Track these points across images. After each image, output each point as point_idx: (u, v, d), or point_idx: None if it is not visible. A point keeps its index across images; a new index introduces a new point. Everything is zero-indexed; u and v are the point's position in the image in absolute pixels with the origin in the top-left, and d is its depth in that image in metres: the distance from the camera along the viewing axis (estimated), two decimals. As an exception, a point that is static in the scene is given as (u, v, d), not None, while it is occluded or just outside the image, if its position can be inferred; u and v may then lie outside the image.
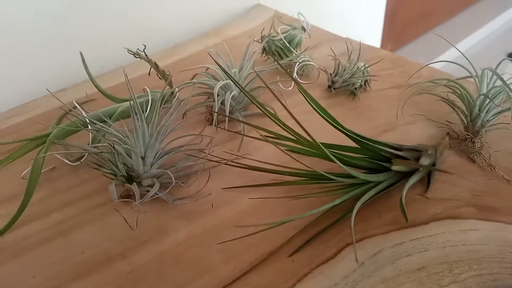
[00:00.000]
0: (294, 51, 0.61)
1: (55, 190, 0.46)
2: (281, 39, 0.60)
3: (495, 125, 0.46)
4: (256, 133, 0.42)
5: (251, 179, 0.45)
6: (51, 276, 0.38)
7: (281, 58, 0.62)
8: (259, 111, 0.54)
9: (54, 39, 0.65)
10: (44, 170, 0.47)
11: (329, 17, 1.10)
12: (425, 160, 0.42)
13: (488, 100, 0.44)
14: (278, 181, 0.43)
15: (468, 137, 0.45)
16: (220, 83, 0.49)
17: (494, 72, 0.43)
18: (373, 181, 0.40)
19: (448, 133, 0.47)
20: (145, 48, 0.49)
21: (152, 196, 0.40)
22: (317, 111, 0.42)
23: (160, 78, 0.53)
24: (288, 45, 0.60)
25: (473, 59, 0.50)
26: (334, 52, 0.59)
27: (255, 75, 0.55)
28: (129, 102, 0.41)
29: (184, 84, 0.52)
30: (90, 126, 0.45)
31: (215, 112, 0.46)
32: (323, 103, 0.42)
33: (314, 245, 0.38)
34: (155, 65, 0.50)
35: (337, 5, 1.11)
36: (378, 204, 0.42)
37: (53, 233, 0.42)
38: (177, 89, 0.53)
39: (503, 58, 0.44)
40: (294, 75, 0.57)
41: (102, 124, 0.43)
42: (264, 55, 0.63)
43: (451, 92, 0.49)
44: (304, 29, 0.63)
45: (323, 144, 0.39)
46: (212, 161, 0.46)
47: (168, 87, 0.53)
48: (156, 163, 0.44)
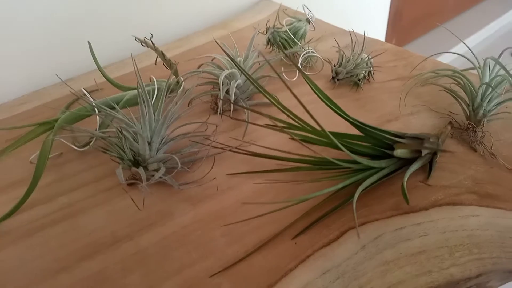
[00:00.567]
0: (299, 43, 0.62)
1: (62, 175, 0.47)
2: (285, 31, 0.61)
3: (497, 114, 0.47)
4: (261, 122, 0.43)
5: (255, 165, 0.46)
6: (59, 257, 0.38)
7: (286, 49, 0.63)
8: (263, 100, 0.55)
9: (63, 30, 0.66)
10: (51, 156, 0.48)
11: (333, 14, 1.10)
12: (426, 149, 0.42)
13: (490, 89, 0.45)
14: (283, 168, 0.44)
15: (470, 126, 0.46)
16: (226, 72, 0.49)
17: (497, 61, 0.44)
18: (375, 167, 0.41)
19: (450, 122, 0.47)
20: (152, 37, 0.50)
21: (159, 178, 0.41)
22: (322, 100, 0.42)
23: (166, 67, 0.54)
24: (293, 37, 0.61)
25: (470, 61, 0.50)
26: (338, 44, 0.60)
27: (259, 65, 0.55)
28: (135, 90, 0.42)
29: (189, 72, 0.52)
30: (99, 111, 0.46)
31: (220, 99, 0.46)
32: (327, 93, 0.43)
33: (317, 228, 0.39)
34: (161, 54, 0.51)
35: (341, 2, 1.12)
36: (380, 190, 0.42)
37: (60, 216, 0.42)
38: (182, 78, 0.54)
39: (505, 48, 0.44)
40: (299, 66, 0.57)
41: (110, 110, 0.43)
42: (268, 46, 0.63)
43: (454, 83, 0.50)
44: (308, 21, 0.63)
45: (329, 132, 0.39)
46: (217, 147, 0.47)
47: (174, 76, 0.54)
48: (162, 148, 0.45)
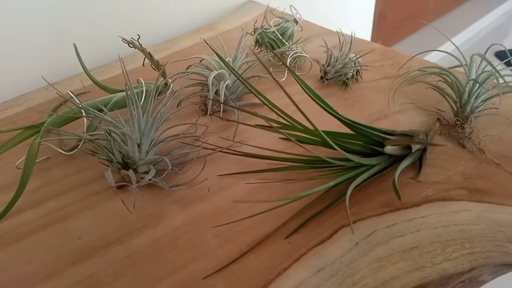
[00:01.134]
0: (287, 43, 0.62)
1: (49, 179, 0.46)
2: (273, 31, 0.61)
3: (484, 110, 0.47)
4: (251, 122, 0.43)
5: (246, 166, 0.46)
6: (48, 262, 0.38)
7: (274, 50, 0.63)
8: (253, 101, 0.55)
9: (47, 33, 0.65)
10: (38, 160, 0.47)
11: (318, 17, 1.11)
12: (416, 145, 0.43)
13: (477, 86, 0.45)
14: (274, 167, 0.44)
15: (458, 122, 0.46)
16: (215, 72, 0.49)
17: (483, 57, 0.44)
18: (366, 165, 0.41)
19: (438, 119, 0.48)
20: (139, 38, 0.50)
21: (149, 180, 0.40)
22: (313, 98, 0.42)
23: (154, 69, 0.54)
24: (281, 37, 0.61)
25: (455, 61, 0.51)
26: (327, 44, 0.60)
27: (247, 66, 0.55)
28: (123, 92, 0.42)
29: (178, 74, 0.52)
30: (86, 114, 0.45)
31: (210, 99, 0.46)
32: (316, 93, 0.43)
33: (310, 227, 0.39)
34: (149, 55, 0.51)
35: (326, 5, 1.13)
36: (371, 188, 0.42)
37: (48, 220, 0.42)
38: (170, 80, 0.54)
39: (491, 44, 0.45)
40: (288, 65, 0.57)
41: (98, 112, 0.43)
42: (257, 47, 0.63)
43: (442, 81, 0.50)
44: (296, 21, 0.63)
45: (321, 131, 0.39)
46: (207, 148, 0.46)
47: (162, 78, 0.54)
48: (151, 150, 0.44)
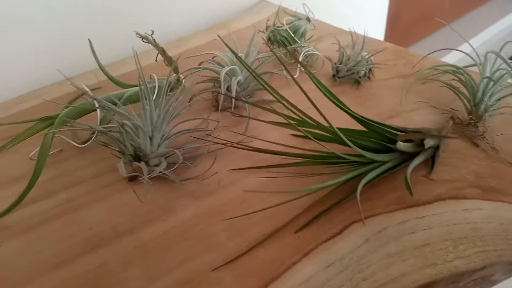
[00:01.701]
0: (298, 41, 0.62)
1: (62, 171, 0.47)
2: (286, 29, 0.61)
3: (498, 109, 0.47)
4: (262, 118, 0.43)
5: (257, 161, 0.46)
6: (59, 252, 0.38)
7: (286, 47, 0.63)
8: (265, 98, 0.55)
9: (62, 30, 0.66)
10: (51, 153, 0.48)
11: (331, 17, 1.11)
12: (429, 142, 0.42)
13: (491, 84, 0.45)
14: (285, 163, 0.44)
15: (472, 121, 0.46)
16: (227, 68, 0.49)
17: (498, 54, 0.44)
18: (378, 161, 0.40)
19: (451, 117, 0.47)
20: (153, 33, 0.50)
21: (160, 172, 0.40)
22: (326, 95, 0.42)
23: (166, 65, 0.54)
24: (293, 35, 0.61)
25: (470, 62, 0.50)
26: (339, 42, 0.60)
27: (259, 63, 0.55)
28: (136, 87, 0.42)
29: (190, 69, 0.52)
30: (101, 106, 0.46)
31: (222, 93, 0.46)
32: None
33: (320, 222, 0.39)
34: (162, 51, 0.51)
35: (339, 5, 1.12)
36: (382, 185, 0.42)
37: (60, 211, 0.42)
38: (182, 76, 0.54)
39: (506, 42, 0.45)
40: (301, 62, 0.57)
41: (112, 105, 0.43)
42: (269, 44, 0.64)
43: (455, 80, 0.50)
44: (308, 19, 0.63)
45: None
46: (218, 143, 0.47)
47: (174, 74, 0.54)
48: (163, 144, 0.44)
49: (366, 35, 0.62)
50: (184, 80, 0.54)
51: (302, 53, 0.58)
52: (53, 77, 0.64)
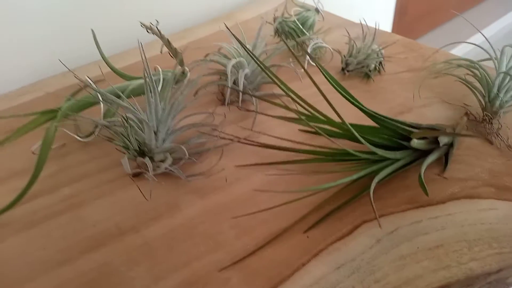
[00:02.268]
0: (307, 33, 0.60)
1: (65, 166, 0.46)
2: (294, 21, 0.59)
3: (514, 105, 0.45)
4: (270, 113, 0.41)
5: (264, 157, 0.44)
6: (62, 249, 0.37)
7: (294, 39, 0.61)
8: (272, 91, 0.54)
9: (64, 20, 0.64)
10: (54, 146, 0.47)
11: (338, 9, 1.09)
12: (444, 139, 0.41)
13: (507, 79, 0.43)
14: (294, 159, 0.42)
15: (486, 118, 0.44)
16: (234, 61, 0.48)
17: (516, 49, 0.42)
18: (390, 158, 0.39)
19: (466, 113, 0.46)
20: (158, 24, 0.48)
21: (165, 169, 0.39)
22: (336, 88, 0.41)
23: (171, 56, 0.52)
24: (301, 27, 0.59)
25: (480, 55, 0.49)
26: (349, 34, 0.58)
27: (266, 56, 0.54)
28: (140, 79, 0.41)
29: (196, 61, 0.51)
30: (104, 99, 0.45)
31: (228, 87, 0.45)
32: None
33: (330, 222, 0.38)
34: (167, 42, 0.49)
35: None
36: (394, 183, 0.41)
37: (63, 207, 0.41)
38: (187, 68, 0.52)
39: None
40: (310, 54, 0.56)
41: (116, 98, 0.42)
42: (276, 36, 0.62)
43: (469, 74, 0.48)
44: (317, 10, 0.62)
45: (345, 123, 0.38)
46: (224, 138, 0.45)
47: (180, 66, 0.52)
48: (168, 138, 0.43)
49: (378, 27, 0.61)
50: (189, 73, 0.53)
51: (311, 45, 0.57)
52: (55, 69, 0.62)
